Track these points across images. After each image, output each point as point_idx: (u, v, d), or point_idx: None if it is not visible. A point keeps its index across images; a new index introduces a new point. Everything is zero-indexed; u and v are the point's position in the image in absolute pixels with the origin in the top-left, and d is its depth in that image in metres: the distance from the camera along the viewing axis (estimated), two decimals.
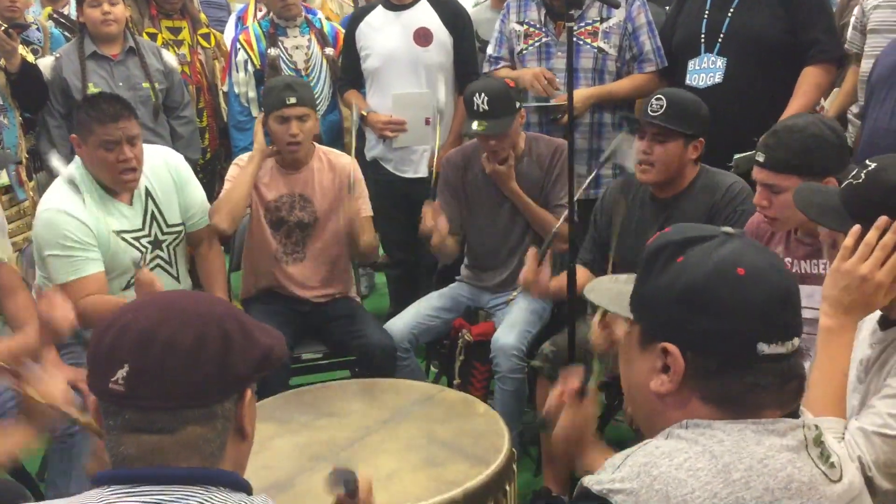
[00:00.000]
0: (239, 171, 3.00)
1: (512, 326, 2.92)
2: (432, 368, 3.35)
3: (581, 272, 2.71)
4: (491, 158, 2.99)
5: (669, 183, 2.65)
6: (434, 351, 3.31)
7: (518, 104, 2.97)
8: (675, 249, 1.12)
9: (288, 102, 2.90)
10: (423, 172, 3.62)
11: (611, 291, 1.28)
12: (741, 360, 1.07)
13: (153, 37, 3.85)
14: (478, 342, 3.02)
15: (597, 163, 3.32)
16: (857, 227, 1.49)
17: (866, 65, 3.24)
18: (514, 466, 2.14)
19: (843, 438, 1.43)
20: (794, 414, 1.12)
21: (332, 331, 3.10)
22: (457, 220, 3.15)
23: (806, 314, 2.05)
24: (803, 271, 2.20)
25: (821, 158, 2.05)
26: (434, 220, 2.91)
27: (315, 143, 3.12)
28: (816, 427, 1.12)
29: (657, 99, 2.58)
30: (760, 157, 2.12)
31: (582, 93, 3.21)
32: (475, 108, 2.90)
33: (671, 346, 1.09)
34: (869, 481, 1.38)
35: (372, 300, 4.56)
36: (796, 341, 1.09)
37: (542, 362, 2.76)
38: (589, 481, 1.06)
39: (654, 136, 2.58)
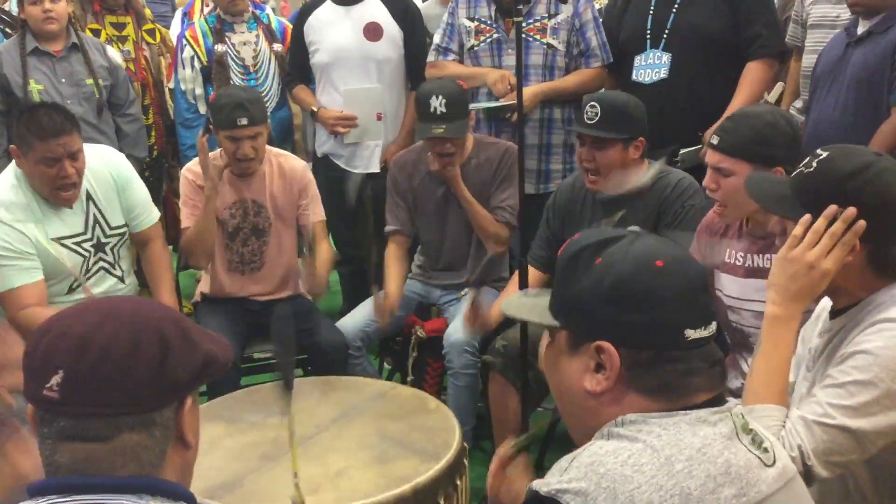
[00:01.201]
0: (200, 209, 2.93)
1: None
2: (385, 366, 3.35)
3: (533, 273, 2.73)
4: (436, 159, 2.98)
5: (619, 184, 2.67)
6: (387, 348, 3.30)
7: (469, 106, 2.98)
8: (592, 252, 1.16)
9: (239, 124, 2.82)
10: (374, 168, 3.61)
11: (527, 305, 1.29)
12: (672, 347, 1.11)
13: (96, 33, 3.78)
14: (430, 338, 3.02)
15: (547, 158, 3.35)
16: (807, 217, 1.50)
17: (808, 59, 3.31)
18: (465, 461, 2.14)
19: (784, 427, 1.45)
20: (720, 400, 1.14)
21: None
22: (406, 221, 3.15)
23: (758, 307, 2.10)
24: (756, 265, 2.22)
25: (773, 147, 2.08)
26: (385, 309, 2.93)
27: (267, 146, 3.06)
28: (742, 416, 1.15)
29: (591, 107, 2.59)
30: (715, 140, 2.14)
31: (531, 89, 3.22)
32: (432, 110, 2.86)
33: (606, 344, 1.12)
34: (808, 469, 1.41)
35: (324, 298, 4.52)
36: (714, 325, 1.14)
37: (495, 357, 2.77)
38: (537, 485, 1.07)
39: (593, 143, 2.60)
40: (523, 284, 2.53)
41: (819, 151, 1.54)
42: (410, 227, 3.16)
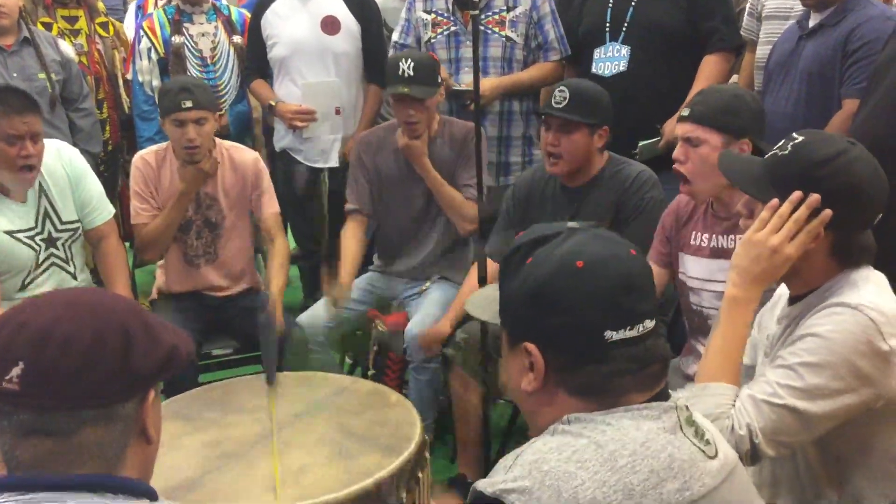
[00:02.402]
0: (154, 202, 2.95)
1: (425, 316, 2.92)
2: (346, 360, 3.33)
3: (492, 266, 2.73)
4: (406, 131, 2.97)
5: (579, 172, 2.69)
6: (348, 342, 3.29)
7: (440, 80, 2.99)
8: (526, 252, 1.15)
9: (183, 106, 2.79)
10: (333, 162, 3.59)
11: (488, 299, 1.30)
12: (593, 350, 1.10)
13: (48, 26, 3.71)
14: (391, 332, 3.02)
15: (506, 150, 3.36)
16: (774, 201, 1.52)
17: (762, 51, 3.34)
18: (427, 454, 2.14)
19: (735, 406, 1.47)
20: (664, 396, 1.15)
21: (242, 326, 3.05)
22: (367, 201, 3.13)
23: (719, 288, 2.13)
24: (720, 246, 2.26)
25: (740, 118, 2.13)
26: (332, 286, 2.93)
27: (217, 139, 3.03)
28: (687, 408, 1.16)
29: (560, 91, 2.61)
30: (685, 112, 2.18)
31: (490, 81, 3.23)
32: (400, 72, 2.87)
33: (531, 346, 1.13)
34: (755, 448, 1.43)
35: (285, 293, 4.48)
36: (648, 323, 1.12)
37: (455, 351, 2.77)
38: (482, 484, 1.07)
39: (560, 127, 2.61)
40: (482, 276, 2.54)
41: (795, 135, 1.55)
42: (371, 206, 3.14)
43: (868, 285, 1.51)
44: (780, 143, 1.57)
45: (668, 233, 2.40)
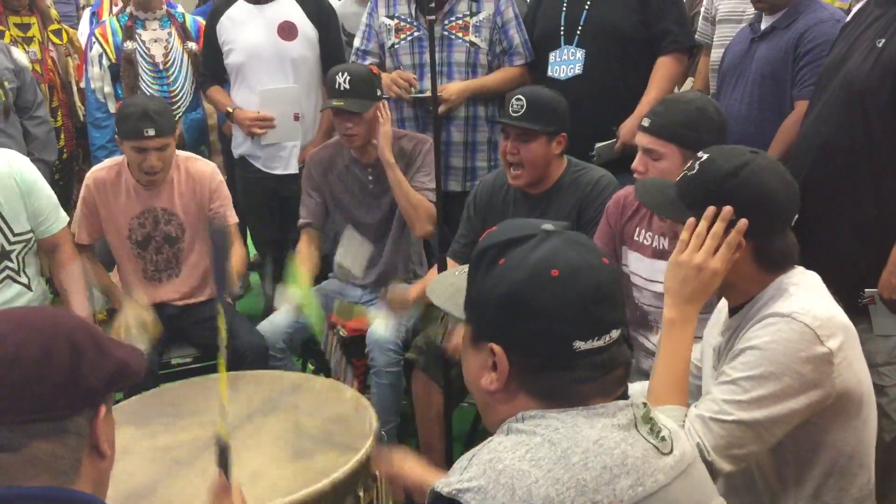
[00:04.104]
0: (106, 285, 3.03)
1: (386, 320, 2.91)
2: (309, 366, 3.31)
3: (452, 266, 2.73)
4: (345, 143, 3.00)
5: (539, 179, 2.70)
6: (309, 349, 3.27)
7: (379, 93, 2.99)
8: (498, 252, 1.14)
9: (146, 134, 2.76)
10: (293, 169, 3.56)
11: (451, 288, 1.29)
12: (560, 358, 1.10)
13: (0, 34, 3.65)
14: (353, 338, 3.00)
15: (472, 155, 3.37)
16: (691, 220, 1.55)
17: (716, 54, 3.39)
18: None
19: (684, 426, 1.48)
20: (623, 397, 1.15)
21: (201, 333, 3.02)
22: (319, 215, 3.13)
23: (659, 289, 2.14)
24: (662, 247, 2.28)
25: (701, 132, 2.12)
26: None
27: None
28: (644, 405, 1.16)
29: (517, 100, 2.63)
30: (646, 122, 2.17)
31: (456, 86, 3.24)
32: (336, 86, 2.91)
33: (496, 348, 1.12)
34: (709, 465, 1.43)
35: (247, 300, 4.46)
36: (615, 333, 1.12)
37: (417, 354, 2.77)
38: (439, 485, 1.07)
39: (518, 136, 2.62)
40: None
41: (700, 154, 1.60)
42: (323, 220, 3.14)
43: (799, 291, 1.53)
44: (688, 164, 1.61)
45: (612, 222, 2.42)
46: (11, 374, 1.02)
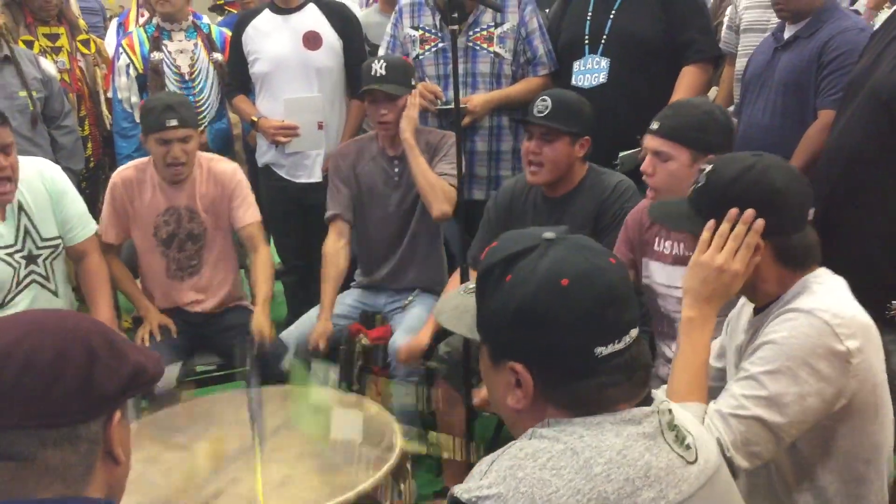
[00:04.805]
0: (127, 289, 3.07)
1: (409, 330, 2.92)
2: (331, 374, 3.31)
3: (474, 275, 2.74)
4: (378, 130, 3.03)
5: (560, 182, 2.70)
6: (332, 357, 3.27)
7: (413, 83, 3.02)
8: (503, 269, 1.14)
9: (168, 125, 2.80)
10: (316, 177, 3.59)
11: (458, 310, 1.28)
12: (583, 366, 1.10)
13: (30, 44, 3.70)
14: (375, 346, 3.01)
15: (496, 165, 3.37)
16: (711, 222, 1.57)
17: (740, 63, 3.37)
18: (408, 465, 2.14)
19: (703, 422, 1.48)
20: (646, 401, 1.15)
21: (225, 341, 3.04)
22: (347, 205, 3.14)
23: (680, 294, 2.14)
24: (682, 253, 2.29)
25: (709, 134, 2.15)
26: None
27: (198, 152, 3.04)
28: (669, 412, 1.15)
29: (542, 100, 2.64)
30: (655, 125, 2.20)
31: (481, 97, 3.25)
32: (373, 73, 2.94)
33: (517, 366, 1.12)
34: (729, 462, 1.43)
35: (271, 308, 4.47)
36: (633, 332, 1.12)
37: (438, 363, 2.78)
38: (458, 491, 1.07)
39: (542, 136, 2.64)
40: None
41: (704, 166, 1.62)
42: (351, 211, 3.14)
43: (823, 290, 1.54)
44: (695, 179, 1.64)
45: (631, 235, 2.42)
46: (25, 378, 1.01)
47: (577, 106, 2.67)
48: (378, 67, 2.94)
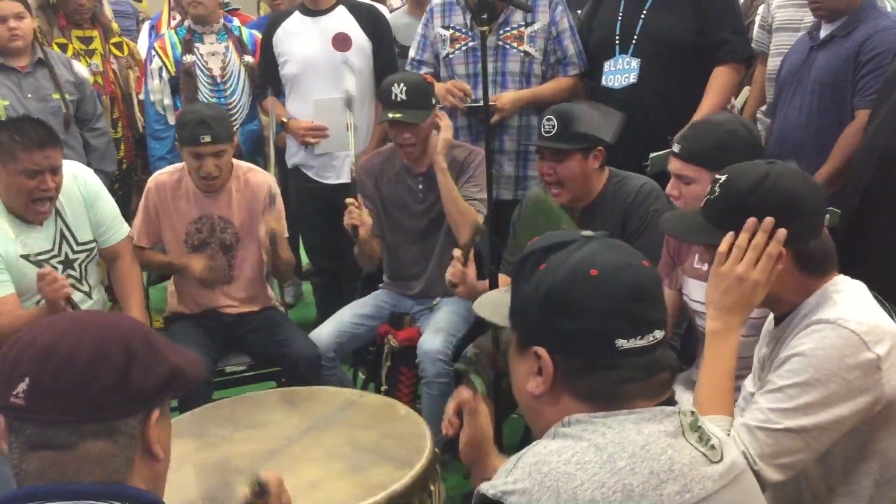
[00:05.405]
0: (167, 260, 3.07)
1: (437, 331, 2.92)
2: (360, 375, 3.33)
3: (503, 281, 2.72)
4: (402, 154, 3.01)
5: (582, 195, 2.68)
6: (360, 358, 3.29)
7: (434, 101, 3.00)
8: (539, 257, 1.17)
9: (202, 140, 2.83)
10: (345, 178, 3.58)
11: (495, 302, 1.32)
12: (603, 356, 1.11)
13: (63, 47, 3.75)
14: (404, 347, 3.01)
15: (524, 164, 3.36)
16: (730, 234, 1.55)
17: (773, 62, 3.34)
18: (438, 467, 2.14)
19: (728, 435, 1.46)
20: (670, 403, 1.15)
21: (255, 342, 3.07)
22: (375, 223, 3.13)
23: None
24: None
25: (733, 155, 2.06)
26: (359, 213, 2.88)
27: (234, 161, 3.05)
28: (692, 413, 1.16)
29: (548, 120, 2.61)
30: (676, 148, 2.17)
31: (510, 95, 3.24)
32: (393, 97, 2.92)
33: (541, 350, 1.14)
34: (756, 474, 1.41)
35: (298, 309, 4.51)
36: (658, 333, 1.13)
37: (466, 365, 2.76)
38: (484, 487, 1.09)
39: (552, 156, 2.61)
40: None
41: (717, 176, 1.60)
42: (379, 228, 3.14)
43: (844, 298, 1.52)
44: (708, 189, 1.62)
45: (670, 250, 2.39)
46: (65, 374, 1.04)
47: (584, 119, 2.62)
48: (398, 92, 2.91)
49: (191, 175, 2.98)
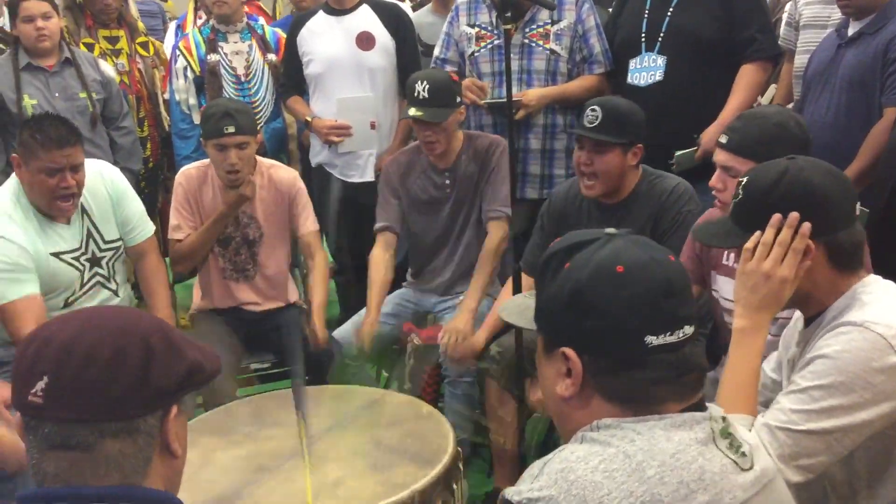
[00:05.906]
0: (191, 220, 3.03)
1: None
2: (383, 374, 3.33)
3: (527, 280, 2.71)
4: (426, 150, 3.01)
5: (614, 190, 2.66)
6: (383, 356, 3.29)
7: (459, 99, 2.99)
8: (563, 257, 1.16)
9: (226, 132, 2.84)
10: (369, 177, 3.60)
11: (520, 307, 1.31)
12: (633, 354, 1.09)
13: (90, 47, 3.79)
14: (427, 346, 3.01)
15: (550, 163, 3.35)
16: (757, 232, 1.53)
17: (800, 60, 3.30)
18: (461, 465, 2.14)
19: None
20: (700, 407, 1.13)
21: (279, 339, 3.07)
22: (396, 219, 3.15)
23: None
24: None
25: (780, 147, 2.02)
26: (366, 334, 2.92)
27: (258, 157, 3.07)
28: (723, 419, 1.14)
29: (592, 110, 2.58)
30: (724, 139, 2.12)
31: (537, 91, 3.23)
32: (416, 94, 2.92)
33: (569, 351, 1.12)
34: None
35: None
36: (688, 329, 1.11)
37: (490, 364, 2.76)
38: (509, 493, 1.07)
39: (593, 147, 2.58)
40: (517, 292, 2.52)
41: (741, 179, 1.60)
42: (400, 223, 3.15)
43: (873, 300, 1.49)
44: (733, 194, 1.62)
45: (699, 249, 2.36)
46: (85, 372, 1.03)
47: (628, 114, 2.60)
48: (421, 89, 2.90)
49: (216, 170, 2.99)
